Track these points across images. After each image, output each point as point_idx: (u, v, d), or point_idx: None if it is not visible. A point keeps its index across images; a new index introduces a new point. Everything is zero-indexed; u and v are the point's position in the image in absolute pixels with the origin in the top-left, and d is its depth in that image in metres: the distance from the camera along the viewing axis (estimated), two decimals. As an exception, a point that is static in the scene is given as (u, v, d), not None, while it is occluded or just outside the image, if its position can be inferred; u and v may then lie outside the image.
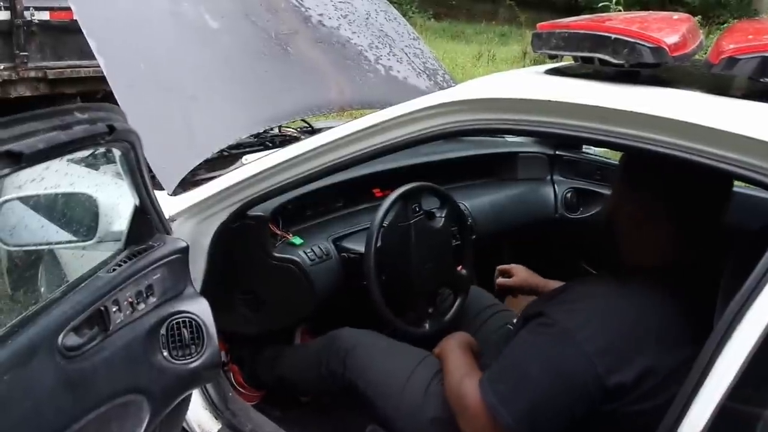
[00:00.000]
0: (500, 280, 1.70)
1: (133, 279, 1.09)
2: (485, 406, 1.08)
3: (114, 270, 1.07)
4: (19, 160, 0.58)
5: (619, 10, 8.22)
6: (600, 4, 8.50)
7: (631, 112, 0.97)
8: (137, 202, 1.12)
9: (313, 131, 2.14)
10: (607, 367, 1.00)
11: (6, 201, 1.18)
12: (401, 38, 2.36)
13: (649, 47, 0.96)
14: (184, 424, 1.48)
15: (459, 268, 1.76)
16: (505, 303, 1.79)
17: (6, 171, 0.57)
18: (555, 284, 1.60)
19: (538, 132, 1.15)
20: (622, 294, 1.09)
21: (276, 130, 2.13)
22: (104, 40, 1.59)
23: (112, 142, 0.84)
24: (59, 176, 1.06)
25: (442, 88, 2.29)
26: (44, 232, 1.24)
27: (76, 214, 1.23)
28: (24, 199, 1.20)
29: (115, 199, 1.22)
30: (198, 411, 1.55)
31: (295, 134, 2.16)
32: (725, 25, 10.02)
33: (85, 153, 1.07)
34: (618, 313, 1.06)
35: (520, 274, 1.68)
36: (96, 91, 4.54)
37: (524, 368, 1.08)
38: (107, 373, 1.02)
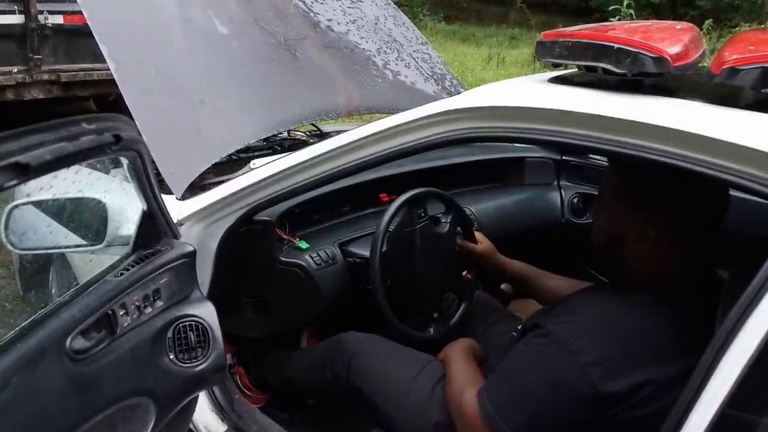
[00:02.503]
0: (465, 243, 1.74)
1: (140, 283, 1.11)
2: (483, 416, 1.09)
3: (122, 274, 1.09)
4: (26, 172, 0.60)
5: (630, 14, 8.21)
6: (611, 8, 8.49)
7: (633, 121, 0.98)
8: (145, 208, 1.14)
9: (321, 135, 2.16)
10: (602, 376, 1.01)
11: (17, 205, 1.20)
12: (409, 43, 2.37)
13: (651, 57, 0.97)
14: (191, 426, 1.50)
15: (464, 273, 1.77)
16: (509, 308, 1.80)
17: (14, 182, 0.59)
18: (517, 265, 1.69)
19: (542, 140, 1.16)
20: (620, 305, 1.10)
21: (285, 134, 2.15)
22: (115, 46, 1.61)
23: (119, 151, 0.86)
24: (67, 184, 1.08)
25: (449, 93, 2.30)
26: (54, 236, 1.26)
27: (86, 219, 1.24)
28: (34, 204, 1.22)
29: (123, 204, 1.24)
30: (205, 413, 1.56)
31: (304, 138, 2.17)
32: (737, 28, 9.97)
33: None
34: (614, 325, 1.06)
35: (485, 245, 1.74)
36: (108, 93, 4.59)
37: (521, 379, 1.10)
38: (114, 375, 1.04)
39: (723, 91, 0.98)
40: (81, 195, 1.22)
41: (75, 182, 1.09)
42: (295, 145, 2.06)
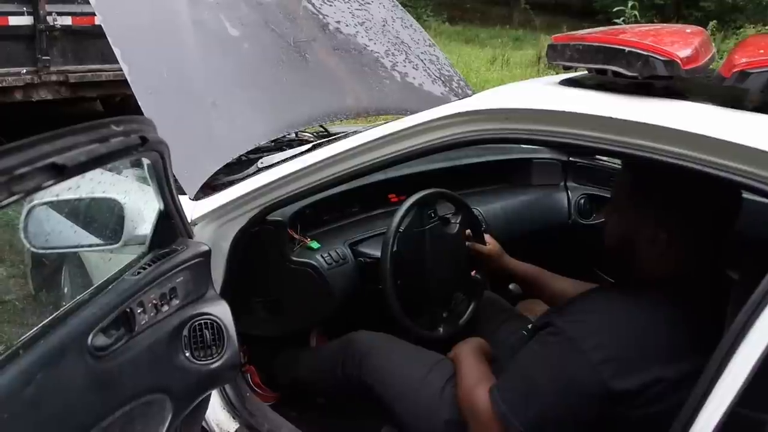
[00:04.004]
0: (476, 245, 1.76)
1: (157, 282, 1.12)
2: (496, 414, 1.11)
3: (139, 273, 1.11)
4: (63, 172, 0.62)
5: (635, 15, 8.22)
6: (615, 9, 8.51)
7: (645, 123, 0.99)
8: (162, 207, 1.16)
9: (329, 136, 2.18)
10: (612, 374, 1.03)
11: (35, 205, 1.22)
12: (417, 45, 2.38)
13: (662, 60, 0.99)
14: (204, 423, 1.52)
15: (473, 273, 1.78)
16: (517, 307, 1.82)
17: (50, 182, 0.61)
18: (525, 267, 1.70)
19: (552, 142, 1.18)
20: (631, 305, 1.11)
21: (293, 135, 2.16)
22: (129, 48, 1.63)
23: (144, 152, 0.88)
24: (93, 184, 1.10)
25: (457, 94, 2.31)
26: (71, 235, 1.28)
27: (103, 219, 1.26)
28: (53, 204, 1.24)
29: (139, 204, 1.26)
30: (217, 411, 1.58)
31: (312, 138, 2.19)
32: (741, 29, 9.96)
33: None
34: (625, 324, 1.08)
35: (493, 246, 1.75)
36: (115, 94, 4.63)
37: (533, 377, 1.11)
38: (132, 372, 1.06)
39: (733, 94, 0.99)
40: (98, 195, 1.24)
41: (99, 183, 1.11)
42: (302, 145, 2.07)
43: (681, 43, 1.03)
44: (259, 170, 1.56)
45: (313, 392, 1.81)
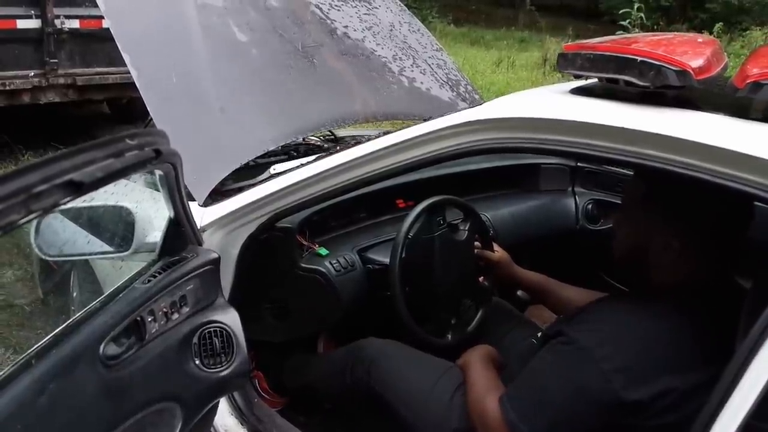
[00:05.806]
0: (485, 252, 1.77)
1: (167, 290, 1.12)
2: (506, 422, 1.11)
3: (149, 281, 1.11)
4: (80, 189, 0.63)
5: (641, 17, 8.21)
6: (621, 11, 8.50)
7: (656, 133, 0.99)
8: (172, 215, 1.16)
9: (336, 140, 2.18)
10: (624, 384, 1.02)
11: (46, 213, 1.22)
12: (424, 49, 2.38)
13: (674, 70, 0.99)
14: (212, 429, 1.52)
15: (481, 279, 1.78)
16: (526, 314, 1.81)
17: (68, 199, 0.62)
18: (532, 276, 1.71)
19: (563, 151, 1.17)
20: (643, 314, 1.11)
21: (300, 139, 2.17)
22: (138, 54, 1.64)
23: (158, 164, 0.88)
24: (107, 195, 1.10)
25: (464, 99, 2.31)
26: (82, 242, 1.28)
27: (113, 226, 1.27)
28: (63, 211, 1.24)
29: (150, 212, 1.26)
30: (224, 417, 1.58)
31: (319, 143, 2.20)
32: (748, 31, 9.93)
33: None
34: (637, 334, 1.08)
35: (501, 254, 1.77)
36: (122, 97, 4.64)
37: (543, 386, 1.11)
38: (143, 381, 1.06)
39: (746, 105, 0.99)
40: (108, 203, 1.24)
41: (113, 194, 1.11)
42: (310, 150, 2.08)
43: (693, 53, 1.03)
44: (272, 176, 1.56)
45: (321, 398, 1.81)
